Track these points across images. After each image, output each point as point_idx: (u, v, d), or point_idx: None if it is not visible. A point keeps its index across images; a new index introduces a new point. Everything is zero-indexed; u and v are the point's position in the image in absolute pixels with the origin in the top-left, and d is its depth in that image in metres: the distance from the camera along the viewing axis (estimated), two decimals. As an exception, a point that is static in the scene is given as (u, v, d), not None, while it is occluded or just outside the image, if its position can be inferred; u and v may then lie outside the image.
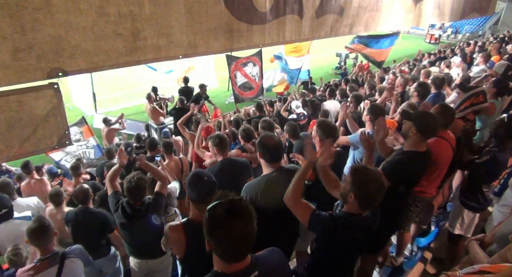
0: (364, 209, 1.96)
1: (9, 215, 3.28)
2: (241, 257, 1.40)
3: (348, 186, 1.94)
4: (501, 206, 2.82)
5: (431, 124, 2.61)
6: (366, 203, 1.93)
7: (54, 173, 5.53)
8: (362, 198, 1.91)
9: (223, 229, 1.30)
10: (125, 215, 2.81)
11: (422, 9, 7.28)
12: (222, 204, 1.34)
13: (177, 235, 2.07)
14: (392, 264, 3.53)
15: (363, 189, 1.88)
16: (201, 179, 2.10)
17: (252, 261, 1.44)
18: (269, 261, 1.54)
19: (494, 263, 1.83)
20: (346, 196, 1.97)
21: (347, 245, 2.03)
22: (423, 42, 26.27)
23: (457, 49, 13.83)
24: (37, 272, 2.32)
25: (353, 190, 1.91)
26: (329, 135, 2.84)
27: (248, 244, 1.35)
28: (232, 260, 1.38)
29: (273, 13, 4.10)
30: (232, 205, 1.33)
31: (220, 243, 1.33)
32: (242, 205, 1.35)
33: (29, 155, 2.71)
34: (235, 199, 1.37)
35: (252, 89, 7.79)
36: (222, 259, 1.38)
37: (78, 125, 7.24)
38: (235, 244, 1.33)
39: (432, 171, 2.96)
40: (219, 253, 1.38)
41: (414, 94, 4.60)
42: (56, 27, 2.44)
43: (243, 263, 1.41)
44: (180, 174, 4.60)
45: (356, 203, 1.93)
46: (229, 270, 1.39)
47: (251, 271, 1.41)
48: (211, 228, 1.33)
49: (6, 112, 2.41)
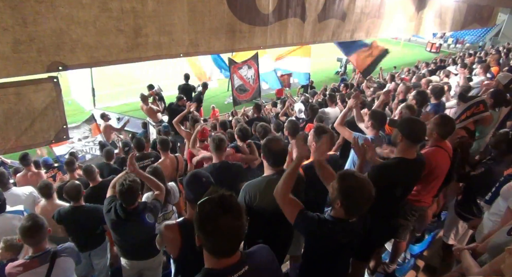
0: (350, 216, 1.94)
1: (1, 208, 3.21)
2: (231, 252, 1.40)
3: (335, 192, 1.91)
4: (491, 214, 2.82)
5: (415, 129, 2.61)
6: (352, 210, 1.91)
7: (50, 165, 5.48)
8: (348, 206, 1.88)
9: (212, 223, 1.30)
10: (117, 217, 2.79)
11: (423, 18, 7.33)
12: (212, 199, 1.35)
13: (172, 235, 2.06)
14: (384, 271, 3.53)
15: (349, 197, 1.85)
16: (200, 180, 2.09)
17: (242, 257, 1.44)
18: (258, 257, 1.55)
19: (485, 273, 1.84)
20: (333, 202, 1.95)
21: (332, 248, 2.02)
22: (423, 50, 26.41)
23: (458, 58, 13.90)
24: (26, 269, 2.30)
25: (340, 198, 1.88)
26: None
27: (237, 239, 1.36)
28: (221, 255, 1.39)
29: (276, 16, 4.12)
30: (222, 200, 1.34)
31: (209, 238, 1.34)
32: (231, 201, 1.36)
33: (26, 148, 2.71)
34: (225, 194, 1.37)
35: (247, 91, 7.83)
36: (212, 255, 1.39)
37: (88, 122, 7.29)
38: (224, 239, 1.33)
39: (429, 181, 2.97)
40: (209, 248, 1.38)
41: (413, 102, 4.63)
42: (58, 21, 2.43)
43: (233, 258, 1.41)
44: (175, 172, 4.58)
45: (342, 210, 1.91)
46: (219, 265, 1.39)
47: (241, 266, 1.41)
48: (201, 222, 1.33)
49: (4, 104, 2.40)
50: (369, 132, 3.63)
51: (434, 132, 2.97)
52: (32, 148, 2.74)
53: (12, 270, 2.30)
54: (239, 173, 3.23)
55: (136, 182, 2.78)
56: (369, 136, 3.50)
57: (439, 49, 26.47)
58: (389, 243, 3.54)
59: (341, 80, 13.77)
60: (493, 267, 1.82)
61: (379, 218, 2.22)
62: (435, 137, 2.98)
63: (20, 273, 2.29)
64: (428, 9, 7.32)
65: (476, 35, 28.35)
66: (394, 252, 3.46)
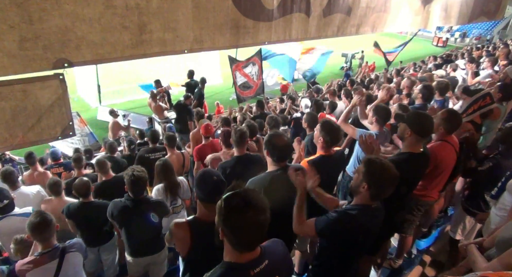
0: (374, 199, 1.98)
1: (9, 208, 3.24)
2: (254, 247, 1.43)
3: (361, 176, 1.96)
4: (498, 209, 2.80)
5: (425, 123, 2.60)
6: (378, 192, 1.95)
7: (58, 157, 5.46)
8: (375, 188, 1.92)
9: (238, 217, 1.34)
10: (125, 207, 2.83)
11: (430, 12, 7.22)
12: (238, 193, 1.39)
13: (182, 233, 2.05)
14: (391, 266, 3.53)
15: (377, 178, 1.90)
16: (211, 179, 2.07)
17: (262, 251, 1.47)
18: (275, 251, 1.57)
19: (493, 267, 1.83)
20: (358, 187, 1.99)
21: (356, 237, 2.02)
22: (430, 44, 26.12)
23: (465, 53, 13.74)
24: (36, 265, 2.33)
25: (366, 180, 1.93)
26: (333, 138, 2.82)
27: (262, 233, 1.39)
28: (245, 249, 1.41)
29: (280, 11, 4.09)
30: (247, 195, 1.38)
31: (235, 231, 1.36)
32: (256, 195, 1.40)
33: (33, 145, 2.72)
34: (250, 189, 1.44)
35: (251, 88, 7.82)
36: (235, 249, 1.41)
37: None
38: (249, 233, 1.36)
39: (435, 175, 2.95)
40: (233, 242, 1.40)
41: (419, 96, 4.59)
42: (63, 18, 2.44)
43: (254, 253, 1.44)
44: (181, 169, 4.61)
45: (368, 193, 1.95)
46: (242, 260, 1.41)
47: (262, 261, 1.44)
48: (226, 216, 1.36)
49: (11, 101, 2.42)
50: (373, 127, 3.61)
51: (441, 126, 2.94)
52: (38, 144, 2.76)
53: (22, 267, 2.33)
54: (261, 164, 3.24)
55: (144, 172, 2.85)
56: (373, 132, 3.48)
57: (446, 43, 26.18)
58: (395, 238, 3.53)
59: (345, 75, 13.70)
60: (503, 261, 1.81)
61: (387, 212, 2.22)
62: (442, 131, 2.96)
63: (31, 270, 2.32)
64: (434, 2, 7.22)
65: (483, 28, 27.95)
66: (400, 247, 3.45)
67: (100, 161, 3.95)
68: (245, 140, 3.31)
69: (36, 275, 2.33)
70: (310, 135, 4.01)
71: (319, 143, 2.84)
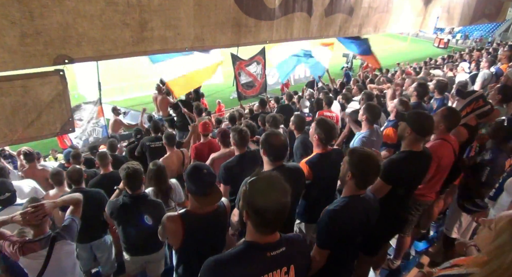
0: (360, 188, 2.03)
1: (12, 199, 3.25)
2: (274, 229, 1.52)
3: (346, 166, 2.04)
4: (496, 210, 2.80)
5: (425, 122, 2.60)
6: (362, 180, 2.00)
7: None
8: (359, 176, 1.98)
9: (263, 199, 1.42)
10: (123, 204, 2.83)
11: (432, 13, 7.23)
12: (263, 177, 1.50)
13: (174, 226, 2.08)
14: (389, 267, 3.53)
15: (359, 166, 1.97)
16: (201, 172, 2.09)
17: (281, 238, 1.56)
18: (294, 242, 1.63)
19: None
20: (344, 177, 2.05)
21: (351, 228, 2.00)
22: (431, 46, 26.09)
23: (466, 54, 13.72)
24: (26, 252, 2.30)
25: (351, 169, 2.00)
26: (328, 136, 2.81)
27: (283, 215, 1.46)
28: (266, 230, 1.50)
29: (282, 10, 4.08)
30: (271, 178, 1.49)
31: (259, 212, 1.43)
32: (279, 179, 1.49)
33: (32, 140, 2.71)
34: (273, 174, 1.53)
35: (254, 87, 7.81)
36: (257, 230, 1.49)
37: (94, 103, 7.41)
38: (272, 214, 1.43)
39: (433, 175, 2.95)
40: (256, 223, 1.48)
41: (414, 94, 4.63)
42: (64, 14, 2.43)
43: (274, 236, 1.53)
44: (181, 167, 4.60)
45: (353, 182, 2.01)
46: (261, 240, 1.51)
47: (280, 246, 1.53)
48: (252, 198, 1.45)
49: (11, 97, 2.42)
50: (364, 126, 3.63)
51: (441, 124, 2.96)
52: (38, 140, 2.75)
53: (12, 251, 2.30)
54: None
55: (139, 166, 2.89)
56: (362, 133, 3.54)
57: (447, 45, 26.15)
58: (393, 239, 3.53)
59: (345, 75, 13.68)
60: None
61: (386, 211, 2.23)
62: (441, 129, 2.98)
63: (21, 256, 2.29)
64: (437, 3, 7.21)
65: (485, 30, 27.94)
66: (399, 248, 3.46)
67: (102, 154, 4.02)
68: (247, 140, 3.31)
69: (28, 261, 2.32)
70: (299, 137, 3.99)
71: (315, 140, 2.86)
